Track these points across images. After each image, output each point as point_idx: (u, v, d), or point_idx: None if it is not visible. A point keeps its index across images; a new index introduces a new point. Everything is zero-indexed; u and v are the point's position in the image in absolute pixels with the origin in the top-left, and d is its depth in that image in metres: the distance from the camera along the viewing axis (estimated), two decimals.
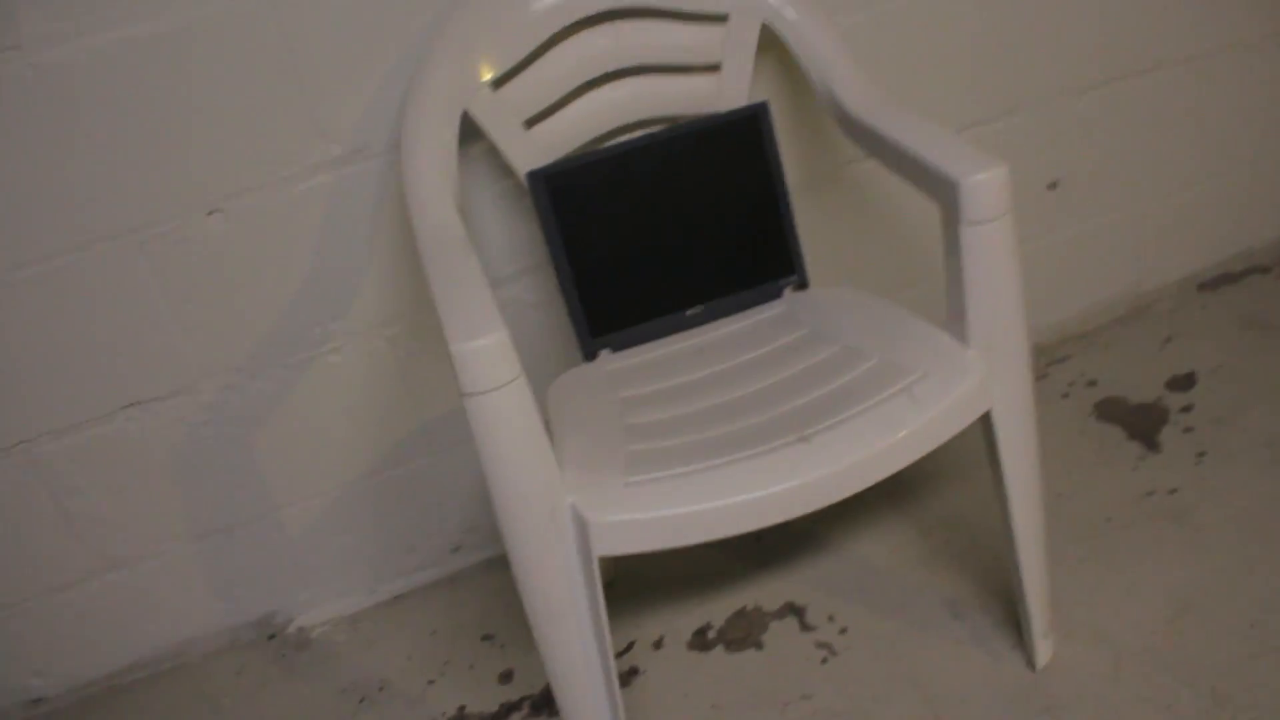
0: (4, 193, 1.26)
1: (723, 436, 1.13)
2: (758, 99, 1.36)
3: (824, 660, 1.39)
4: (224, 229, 1.35)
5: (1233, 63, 1.76)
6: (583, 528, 1.05)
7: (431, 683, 1.49)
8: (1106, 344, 1.85)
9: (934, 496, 1.61)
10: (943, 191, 1.11)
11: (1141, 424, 1.66)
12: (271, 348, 1.44)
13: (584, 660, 1.12)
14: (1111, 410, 1.70)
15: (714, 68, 1.36)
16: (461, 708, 1.44)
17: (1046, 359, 1.85)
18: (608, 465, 1.10)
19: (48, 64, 1.21)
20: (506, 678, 1.47)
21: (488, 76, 1.28)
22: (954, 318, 1.16)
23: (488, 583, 1.65)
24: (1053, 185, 1.74)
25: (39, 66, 1.21)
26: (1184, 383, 1.72)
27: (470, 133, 1.30)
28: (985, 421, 1.17)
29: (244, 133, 1.30)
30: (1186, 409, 1.67)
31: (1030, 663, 1.31)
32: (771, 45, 1.40)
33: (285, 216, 1.36)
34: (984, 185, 1.07)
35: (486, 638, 1.54)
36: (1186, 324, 1.86)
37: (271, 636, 1.64)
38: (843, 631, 1.42)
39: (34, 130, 1.24)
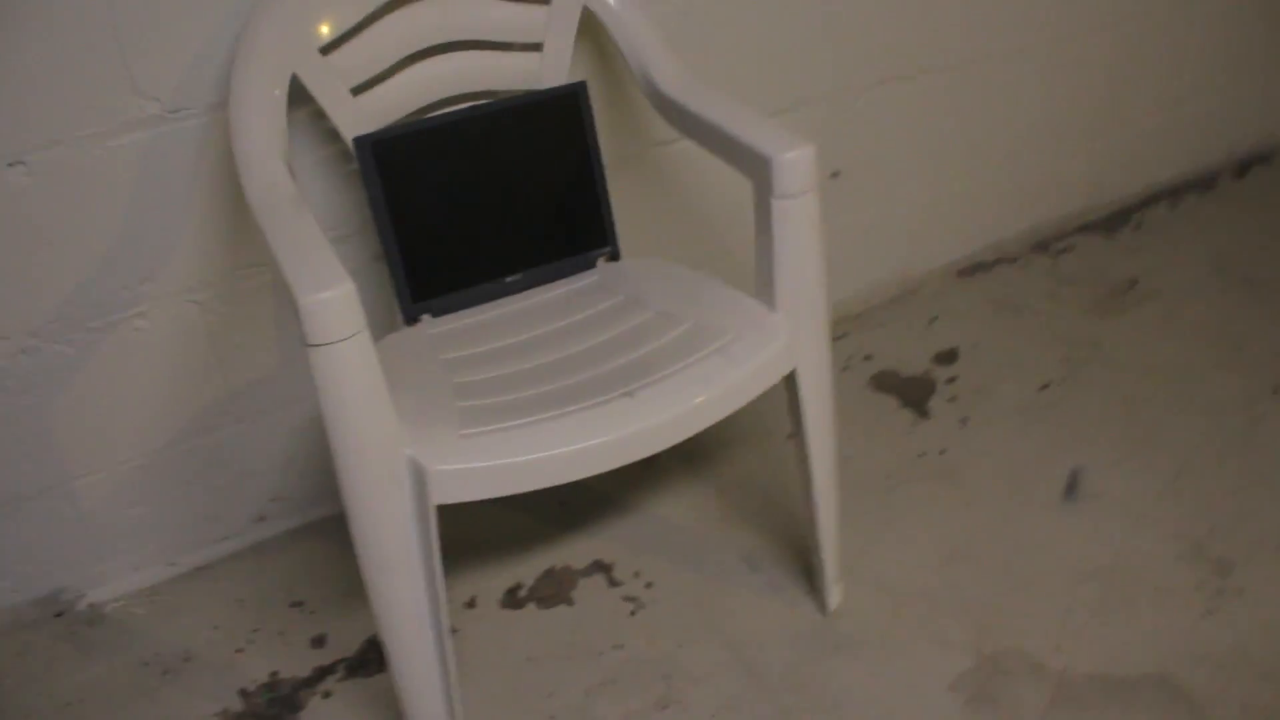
0: None
1: (551, 393, 1.18)
2: (577, 78, 1.42)
3: (632, 613, 1.46)
4: (26, 182, 1.30)
5: (988, 72, 1.95)
6: (421, 478, 1.08)
7: (240, 651, 1.48)
8: (880, 322, 2.02)
9: (727, 462, 1.71)
10: (756, 168, 1.20)
11: (913, 393, 1.82)
12: (74, 310, 1.39)
13: (416, 610, 1.15)
14: (886, 382, 1.85)
15: (536, 47, 1.41)
16: (274, 673, 1.43)
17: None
18: (441, 419, 1.14)
19: None
20: (319, 642, 1.47)
21: (319, 41, 1.28)
22: (762, 285, 1.25)
23: (295, 551, 1.64)
24: (835, 174, 1.88)
25: None
26: (948, 357, 1.90)
27: (298, 97, 1.30)
28: (790, 381, 1.27)
29: (54, 84, 1.26)
30: (951, 380, 1.84)
31: (822, 608, 1.43)
32: (591, 28, 1.46)
33: (95, 173, 1.32)
34: (794, 162, 1.17)
35: (296, 604, 1.54)
36: (949, 306, 2.04)
37: (59, 614, 1.57)
38: (649, 586, 1.50)
39: None
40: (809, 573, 1.48)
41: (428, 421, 1.14)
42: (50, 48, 1.24)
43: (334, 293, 0.98)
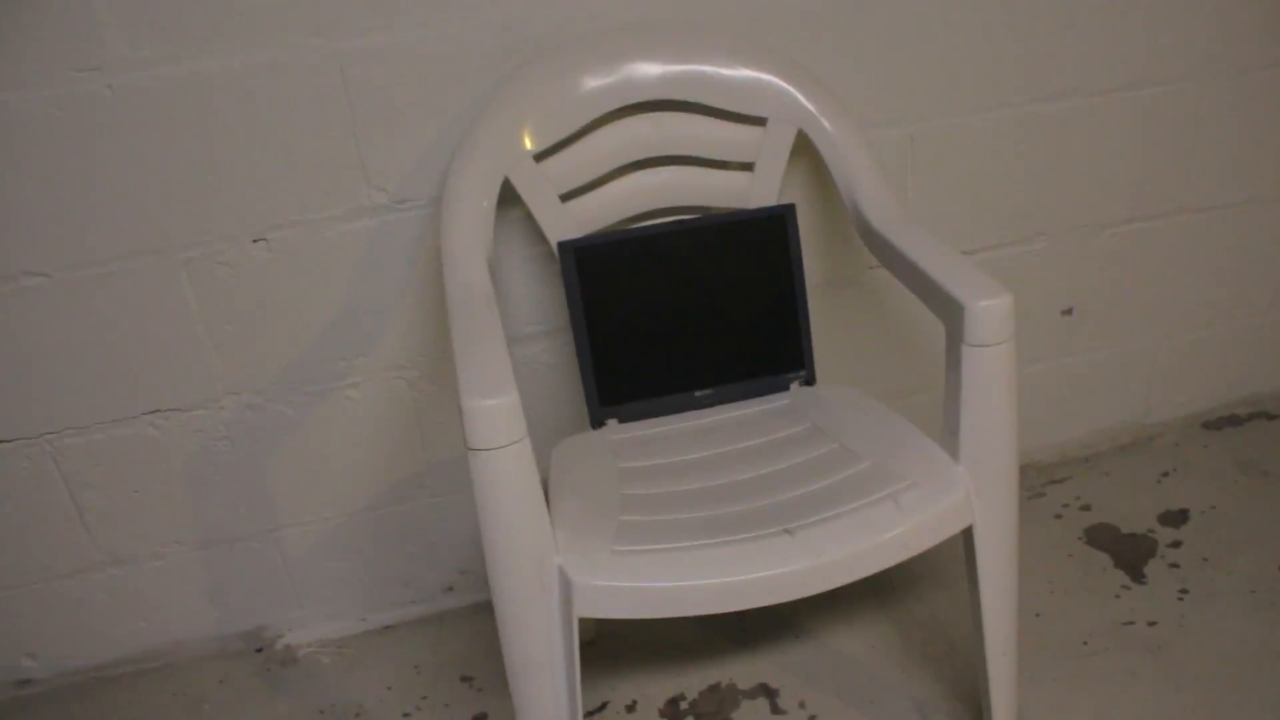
0: (69, 197, 1.33)
1: (713, 518, 1.17)
2: (787, 199, 1.42)
3: None
4: (266, 257, 1.42)
5: (1252, 215, 1.81)
6: (567, 588, 1.09)
7: (407, 716, 1.53)
8: (1106, 470, 1.89)
9: (917, 600, 1.64)
10: (949, 312, 1.16)
11: (1129, 554, 1.69)
12: (295, 374, 1.50)
13: (554, 715, 1.16)
14: (1102, 536, 1.73)
15: (748, 166, 1.42)
16: None
17: (1045, 478, 1.88)
18: (599, 531, 1.15)
19: (124, 86, 1.28)
20: None
21: (530, 148, 1.34)
22: (948, 433, 1.20)
23: (475, 626, 1.69)
24: (1067, 311, 1.79)
25: (116, 88, 1.28)
26: (1177, 518, 1.75)
27: (509, 198, 1.36)
28: (967, 536, 1.21)
29: (297, 170, 1.37)
30: (1175, 544, 1.69)
31: None
32: (805, 149, 1.46)
33: (325, 253, 1.43)
34: (988, 311, 1.12)
35: (466, 679, 1.58)
36: (1187, 461, 1.89)
37: (259, 650, 1.68)
38: (812, 718, 1.45)
39: (103, 144, 1.31)
40: None
41: (585, 532, 1.15)
42: (296, 138, 1.36)
43: (497, 401, 1.01)
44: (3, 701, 1.63)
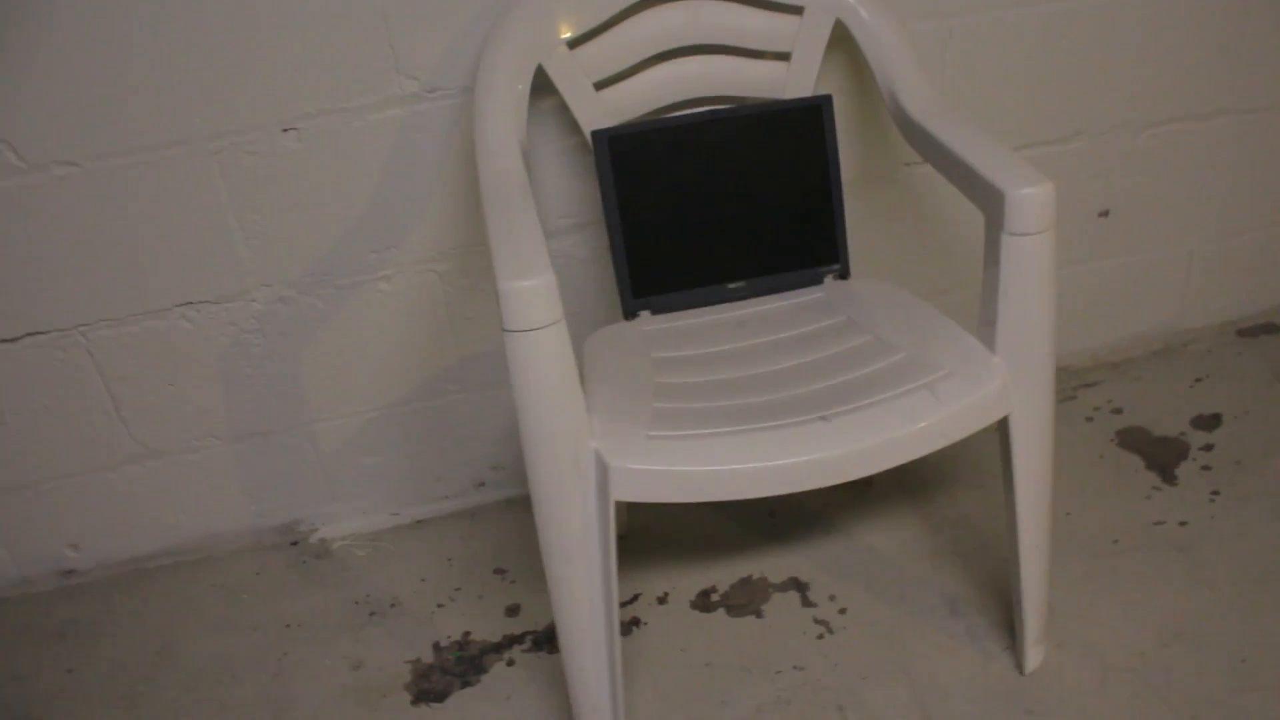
0: (98, 86, 1.32)
1: (747, 406, 1.17)
2: (823, 91, 1.40)
3: (820, 636, 1.43)
4: (296, 147, 1.41)
5: None
6: (604, 473, 1.10)
7: (441, 606, 1.55)
8: (1138, 375, 1.88)
9: (948, 497, 1.64)
10: (989, 201, 1.14)
11: (1161, 456, 1.68)
12: (327, 267, 1.49)
13: (589, 600, 1.17)
14: (1133, 439, 1.72)
15: (784, 56, 1.40)
16: (466, 633, 1.50)
17: (1077, 382, 1.87)
18: (633, 417, 1.15)
19: None
20: (513, 611, 1.53)
21: (565, 35, 1.32)
22: (985, 324, 1.19)
23: (506, 520, 1.71)
24: (1104, 213, 1.76)
25: None
26: (1209, 423, 1.74)
27: (542, 87, 1.34)
28: (1002, 428, 1.21)
29: (327, 58, 1.36)
30: (1207, 448, 1.69)
31: (1019, 666, 1.35)
32: (842, 41, 1.43)
33: (356, 143, 1.42)
34: (1030, 199, 1.10)
35: (499, 571, 1.60)
36: (1220, 367, 1.88)
37: (294, 543, 1.71)
38: (842, 611, 1.47)
39: (130, 31, 1.30)
40: (1013, 628, 1.40)
41: (620, 418, 1.15)
42: (324, 25, 1.34)
43: (534, 282, 1.01)
44: (47, 591, 1.67)
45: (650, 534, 1.64)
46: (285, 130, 1.39)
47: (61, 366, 1.49)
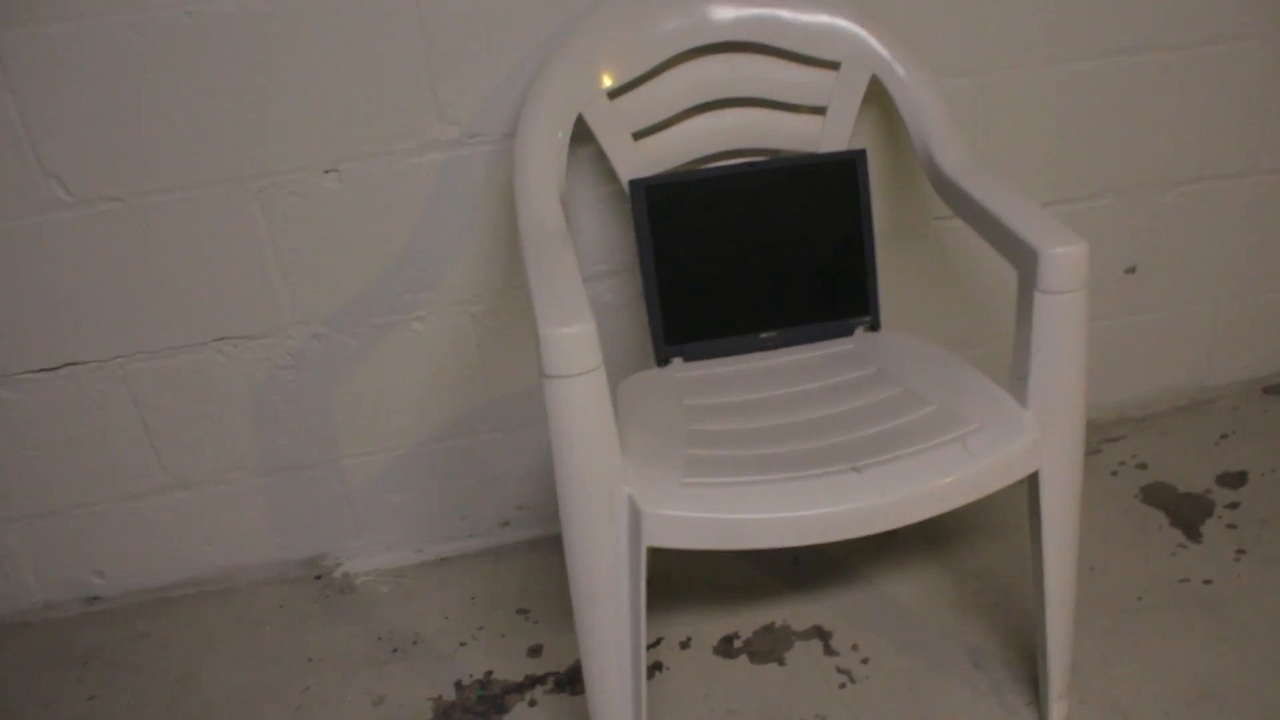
0: (146, 124, 1.35)
1: (779, 455, 1.18)
2: (858, 145, 1.42)
3: (842, 685, 1.43)
4: (337, 188, 1.43)
5: None
6: (636, 517, 1.11)
7: (463, 644, 1.56)
8: (1164, 430, 1.88)
9: (972, 550, 1.64)
10: (1023, 259, 1.15)
11: (1186, 513, 1.68)
12: (362, 306, 1.51)
13: (617, 644, 1.18)
14: (1158, 495, 1.73)
15: (820, 110, 1.42)
16: (489, 672, 1.50)
17: (1102, 436, 1.88)
18: (667, 464, 1.16)
19: (203, 13, 1.30)
20: (536, 652, 1.53)
21: (606, 85, 1.34)
22: (1017, 379, 1.20)
23: (530, 560, 1.71)
24: (1131, 270, 1.77)
25: (195, 14, 1.30)
26: (1235, 480, 1.74)
27: (581, 135, 1.36)
28: (1032, 482, 1.21)
29: (370, 102, 1.39)
30: (1233, 506, 1.69)
31: None
32: (877, 96, 1.45)
33: (395, 186, 1.44)
34: (1063, 258, 1.11)
35: (522, 611, 1.61)
36: (1246, 424, 1.88)
37: (318, 577, 1.72)
38: (865, 661, 1.47)
39: (180, 71, 1.33)
40: (1035, 682, 1.40)
41: (654, 464, 1.16)
42: (368, 71, 1.37)
43: (575, 329, 1.02)
44: (73, 617, 1.68)
45: (673, 578, 1.64)
46: (327, 171, 1.41)
47: (98, 396, 1.51)
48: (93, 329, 1.47)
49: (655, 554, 1.13)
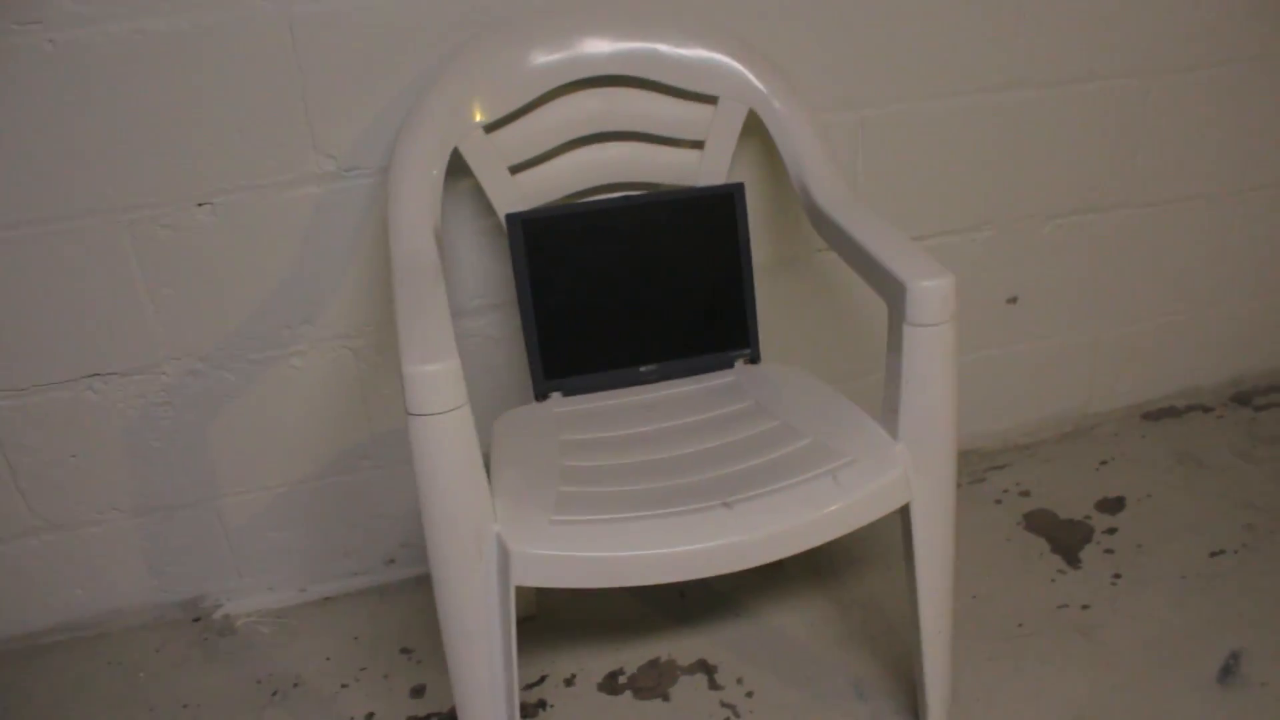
0: (7, 155, 1.31)
1: (652, 491, 1.18)
2: (736, 178, 1.43)
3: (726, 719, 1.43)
4: (211, 221, 1.40)
5: (1193, 211, 1.84)
6: (505, 557, 1.10)
7: (345, 686, 1.52)
8: (1046, 458, 1.92)
9: (857, 580, 1.65)
10: (891, 292, 1.17)
11: (1066, 539, 1.71)
12: (239, 341, 1.48)
13: (490, 684, 1.16)
14: (1039, 522, 1.76)
15: (699, 144, 1.43)
16: (370, 715, 1.47)
17: (986, 464, 1.91)
18: (538, 502, 1.15)
19: (67, 41, 1.27)
20: (418, 692, 1.50)
21: (480, 119, 1.34)
22: (888, 411, 1.21)
23: (415, 599, 1.68)
24: (1012, 300, 1.81)
25: (58, 43, 1.26)
26: (1113, 506, 1.78)
27: (459, 169, 1.36)
28: (905, 514, 1.22)
29: (244, 135, 1.36)
30: (1111, 531, 1.72)
31: None
32: (756, 129, 1.47)
33: (271, 219, 1.42)
34: (929, 291, 1.13)
35: (405, 651, 1.58)
36: (1125, 450, 1.92)
37: (196, 619, 1.67)
38: (749, 695, 1.46)
39: (43, 100, 1.29)
40: (917, 712, 1.41)
41: (524, 502, 1.15)
42: (244, 102, 1.34)
43: (438, 366, 1.01)
44: None
45: (559, 614, 1.63)
46: (200, 205, 1.38)
47: None
48: None
49: (541, 591, 1.12)
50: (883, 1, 1.51)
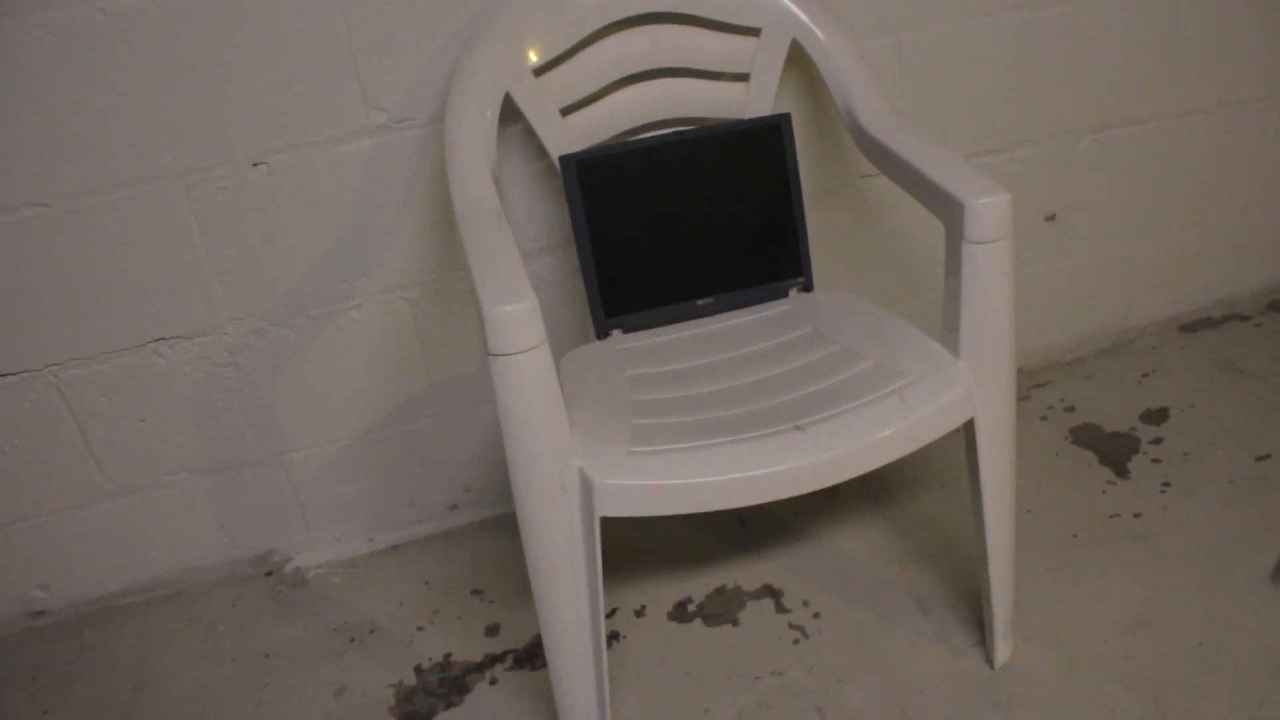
0: (66, 126, 1.33)
1: (723, 419, 1.20)
2: (782, 109, 1.44)
3: (796, 641, 1.47)
4: (267, 181, 1.42)
5: (1224, 120, 1.85)
6: (588, 489, 1.13)
7: (420, 629, 1.56)
8: (1088, 373, 1.94)
9: (912, 501, 1.69)
10: (949, 211, 1.19)
11: (1113, 451, 1.74)
12: (299, 298, 1.51)
13: (576, 616, 1.19)
14: (1086, 436, 1.78)
15: (743, 77, 1.44)
16: (448, 655, 1.51)
17: (1030, 382, 1.93)
18: (614, 435, 1.18)
19: (117, 9, 1.28)
20: (493, 631, 1.55)
21: (532, 63, 1.35)
22: (948, 330, 1.24)
23: (481, 541, 1.72)
24: (1050, 218, 1.82)
25: (109, 11, 1.28)
26: (1157, 417, 1.81)
27: (510, 114, 1.37)
28: (968, 430, 1.25)
29: (295, 93, 1.38)
30: (1157, 441, 1.75)
31: (989, 660, 1.40)
32: (799, 60, 1.48)
33: (326, 175, 1.44)
34: (987, 209, 1.15)
35: (476, 592, 1.62)
36: (1166, 362, 1.95)
37: (269, 573, 1.71)
38: (816, 616, 1.50)
39: (98, 71, 1.31)
40: (981, 623, 1.45)
41: (601, 435, 1.18)
42: (294, 59, 1.36)
43: (517, 306, 1.03)
44: (17, 633, 1.66)
45: (623, 548, 1.66)
46: (255, 165, 1.40)
47: (32, 406, 1.49)
48: (22, 339, 1.44)
49: (605, 525, 1.15)
50: None
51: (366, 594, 1.65)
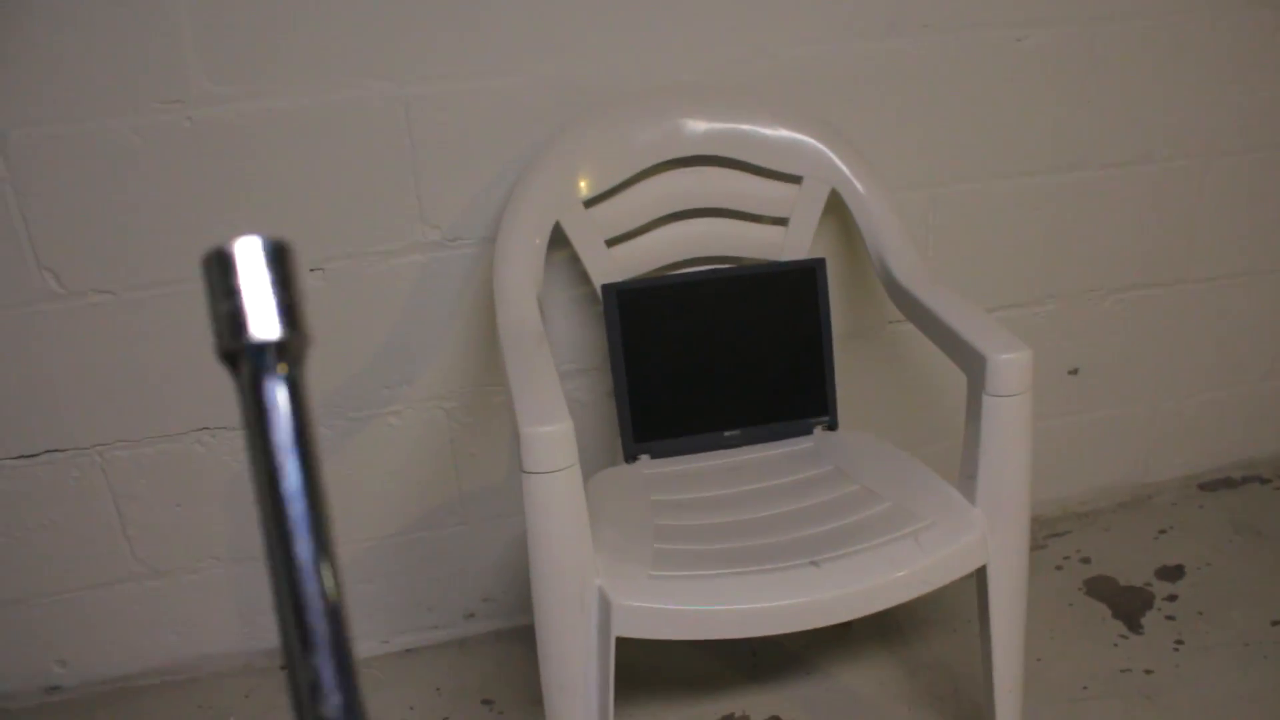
0: (142, 220, 1.40)
1: (742, 549, 1.24)
2: (817, 253, 1.50)
3: None
4: (320, 285, 1.49)
5: (1248, 287, 1.90)
6: (606, 609, 1.16)
7: None
8: (1105, 526, 1.96)
9: (924, 642, 1.70)
10: (972, 363, 1.23)
11: (1127, 605, 1.75)
12: (340, 399, 1.56)
13: None
14: (1101, 588, 1.80)
15: (782, 221, 1.51)
16: None
17: (1046, 531, 1.95)
18: (636, 557, 1.22)
19: (203, 119, 1.36)
20: None
21: (583, 194, 1.42)
22: (965, 477, 1.27)
23: (495, 652, 1.74)
24: (1073, 371, 1.87)
25: (195, 120, 1.36)
26: (1173, 574, 1.82)
27: (557, 240, 1.44)
28: (980, 576, 1.28)
29: (358, 205, 1.45)
30: (1171, 598, 1.76)
31: None
32: (836, 208, 1.54)
33: (377, 285, 1.50)
34: (1009, 364, 1.20)
35: (486, 702, 1.64)
36: (1183, 519, 1.96)
37: (283, 667, 1.73)
38: None
39: (177, 173, 1.39)
40: None
41: (623, 557, 1.22)
42: (359, 175, 1.44)
43: (554, 428, 1.08)
44: (31, 707, 1.68)
45: (635, 669, 1.68)
46: (312, 270, 1.47)
47: (75, 483, 1.54)
48: (75, 417, 1.50)
49: (619, 645, 1.17)
50: (954, 88, 1.59)
51: (378, 696, 1.66)
